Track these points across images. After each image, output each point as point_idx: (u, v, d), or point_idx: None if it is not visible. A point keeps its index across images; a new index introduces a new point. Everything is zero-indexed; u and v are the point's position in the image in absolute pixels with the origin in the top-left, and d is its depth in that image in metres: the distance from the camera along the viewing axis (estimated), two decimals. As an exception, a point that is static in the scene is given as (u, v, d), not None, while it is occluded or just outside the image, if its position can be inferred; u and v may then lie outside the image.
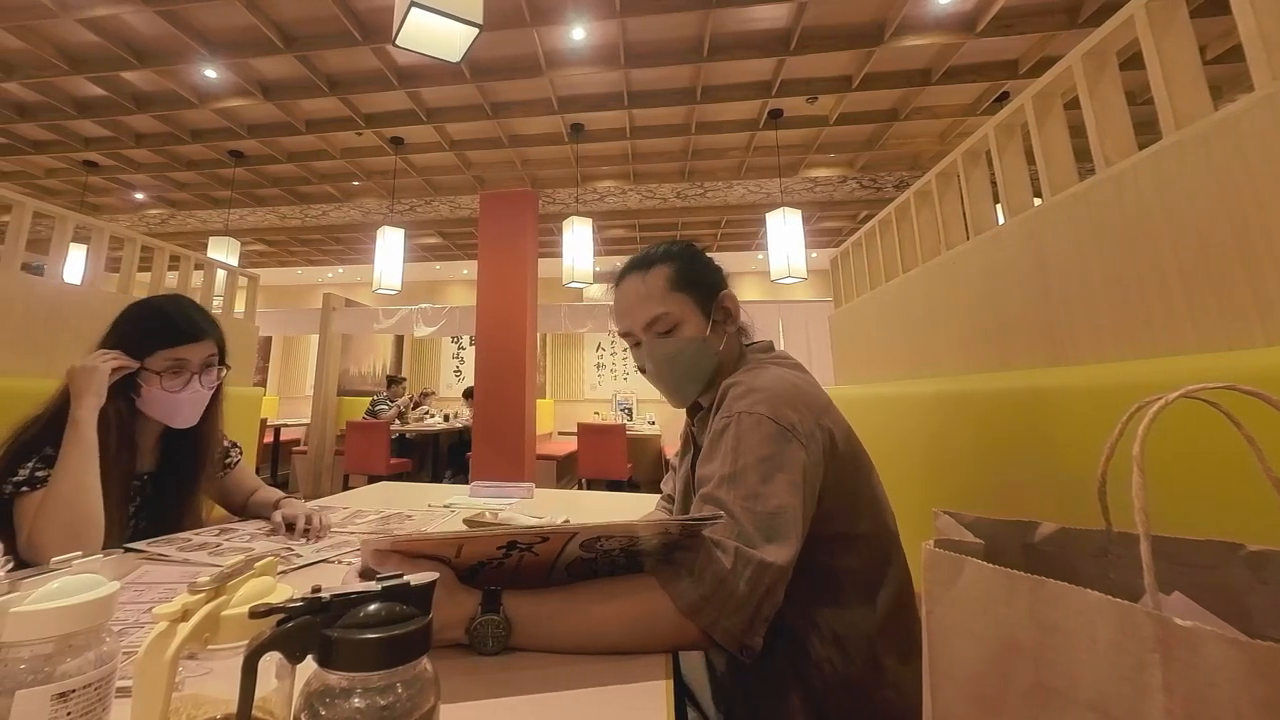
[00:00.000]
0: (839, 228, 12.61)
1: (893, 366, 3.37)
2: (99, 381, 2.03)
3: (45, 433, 2.00)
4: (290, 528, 2.26)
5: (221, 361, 2.36)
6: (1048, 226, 2.11)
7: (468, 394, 11.45)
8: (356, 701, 0.62)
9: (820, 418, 1.60)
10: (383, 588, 0.67)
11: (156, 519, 2.26)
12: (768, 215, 8.51)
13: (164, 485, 2.32)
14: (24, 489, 1.89)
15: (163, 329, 2.21)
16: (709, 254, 1.98)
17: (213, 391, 2.33)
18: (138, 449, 2.25)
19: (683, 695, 1.59)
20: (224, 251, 9.60)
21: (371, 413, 11.37)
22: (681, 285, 1.85)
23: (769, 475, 1.42)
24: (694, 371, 1.86)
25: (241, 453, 2.69)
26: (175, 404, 2.21)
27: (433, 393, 14.33)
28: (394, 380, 12.47)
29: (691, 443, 1.95)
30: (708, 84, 7.37)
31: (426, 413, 12.95)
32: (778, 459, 1.45)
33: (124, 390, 2.15)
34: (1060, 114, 2.28)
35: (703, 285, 1.87)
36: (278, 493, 2.63)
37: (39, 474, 1.92)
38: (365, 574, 1.23)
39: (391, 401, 11.66)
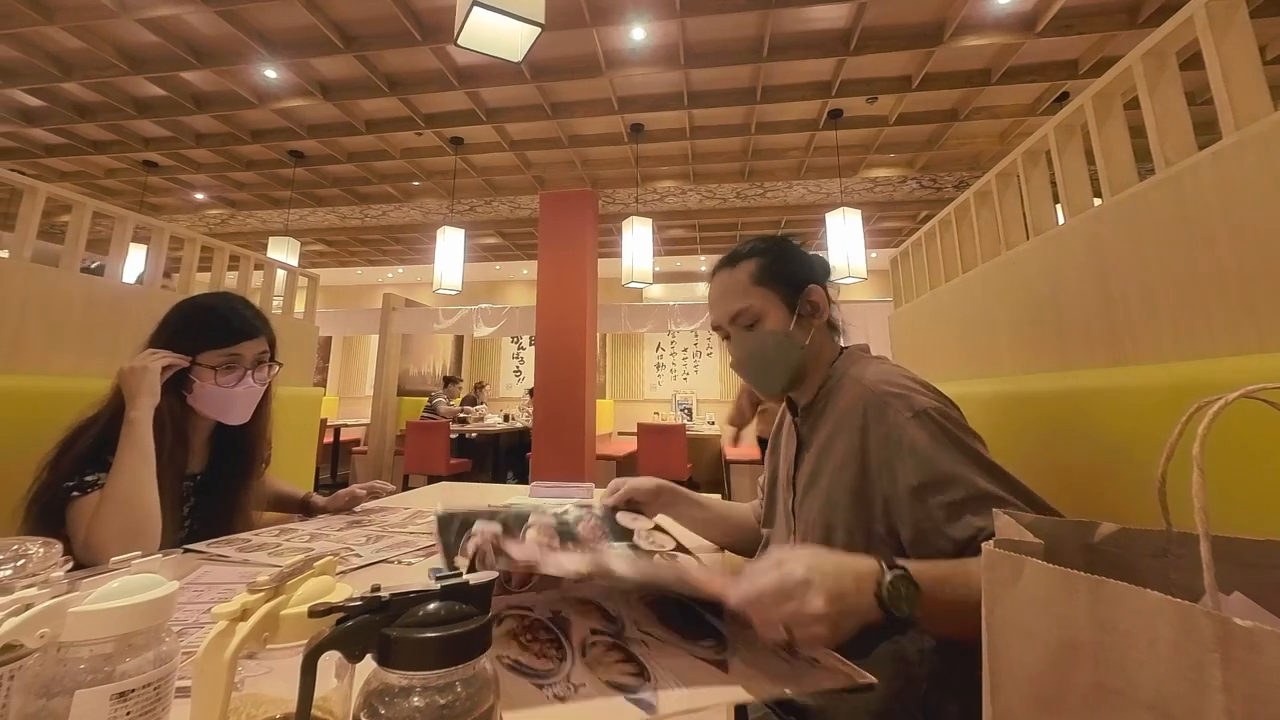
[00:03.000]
0: (899, 228, 12.60)
1: (952, 367, 3.34)
2: (151, 381, 2.04)
3: (99, 435, 2.00)
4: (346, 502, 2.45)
5: (272, 358, 2.36)
6: (1107, 227, 2.09)
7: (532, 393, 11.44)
8: (416, 700, 0.62)
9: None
10: (442, 586, 0.67)
11: (209, 519, 2.26)
12: (827, 215, 8.49)
13: (214, 486, 2.32)
14: (75, 493, 1.89)
15: (215, 327, 2.22)
16: (808, 250, 1.99)
17: (265, 388, 2.33)
18: (190, 447, 2.25)
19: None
20: (284, 252, 9.68)
21: (430, 408, 11.42)
22: (765, 279, 1.87)
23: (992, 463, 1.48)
24: (777, 364, 1.87)
25: (270, 454, 2.66)
26: (230, 399, 2.21)
27: (486, 385, 14.48)
28: (450, 380, 12.55)
29: (795, 439, 1.93)
30: (767, 84, 7.36)
31: (479, 404, 12.95)
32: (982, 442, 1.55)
33: (175, 388, 2.15)
34: (1120, 114, 2.25)
35: (788, 279, 1.87)
36: (297, 493, 2.71)
37: (88, 478, 1.91)
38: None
39: (448, 401, 11.72)
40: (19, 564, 0.86)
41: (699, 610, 1.28)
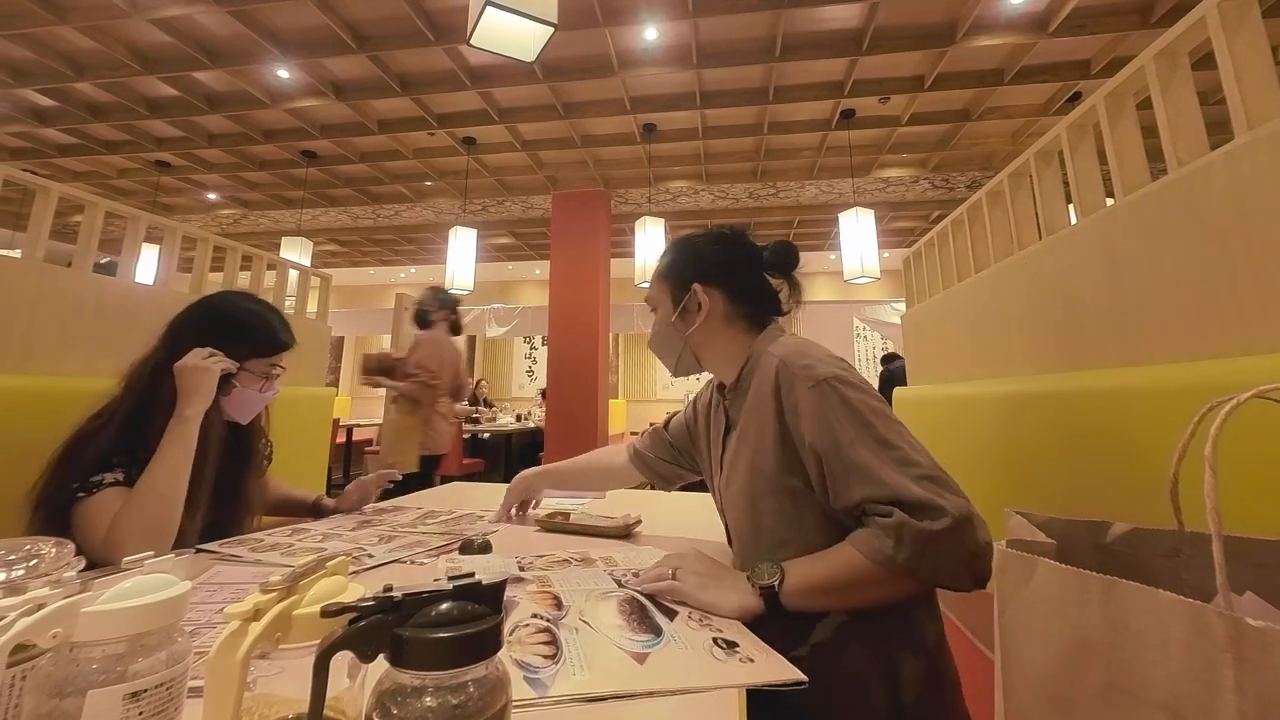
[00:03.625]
0: (911, 228, 12.59)
1: (965, 366, 3.35)
2: (210, 383, 2.05)
3: (113, 437, 1.99)
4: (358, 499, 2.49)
5: None
6: (1120, 226, 2.10)
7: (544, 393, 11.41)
8: (428, 700, 0.61)
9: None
10: (454, 587, 0.67)
11: (220, 516, 2.26)
12: (840, 215, 8.51)
13: (224, 484, 2.30)
14: (80, 494, 1.87)
15: (266, 337, 2.25)
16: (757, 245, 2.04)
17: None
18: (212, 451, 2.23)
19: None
20: (296, 251, 9.73)
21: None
22: (663, 274, 2.04)
23: (899, 431, 1.50)
24: (662, 349, 2.08)
25: (273, 450, 2.68)
26: (258, 403, 2.27)
27: (484, 381, 14.50)
28: (478, 385, 12.46)
29: (723, 420, 2.00)
30: (780, 84, 7.36)
31: (485, 403, 12.95)
32: (887, 412, 1.55)
33: (218, 390, 2.14)
34: (1132, 114, 2.26)
35: (676, 277, 2.00)
36: (304, 495, 2.70)
37: (93, 479, 1.90)
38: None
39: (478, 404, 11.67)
40: (31, 564, 0.86)
41: (652, 609, 1.40)
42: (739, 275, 1.98)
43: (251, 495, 2.39)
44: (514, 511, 2.50)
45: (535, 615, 1.28)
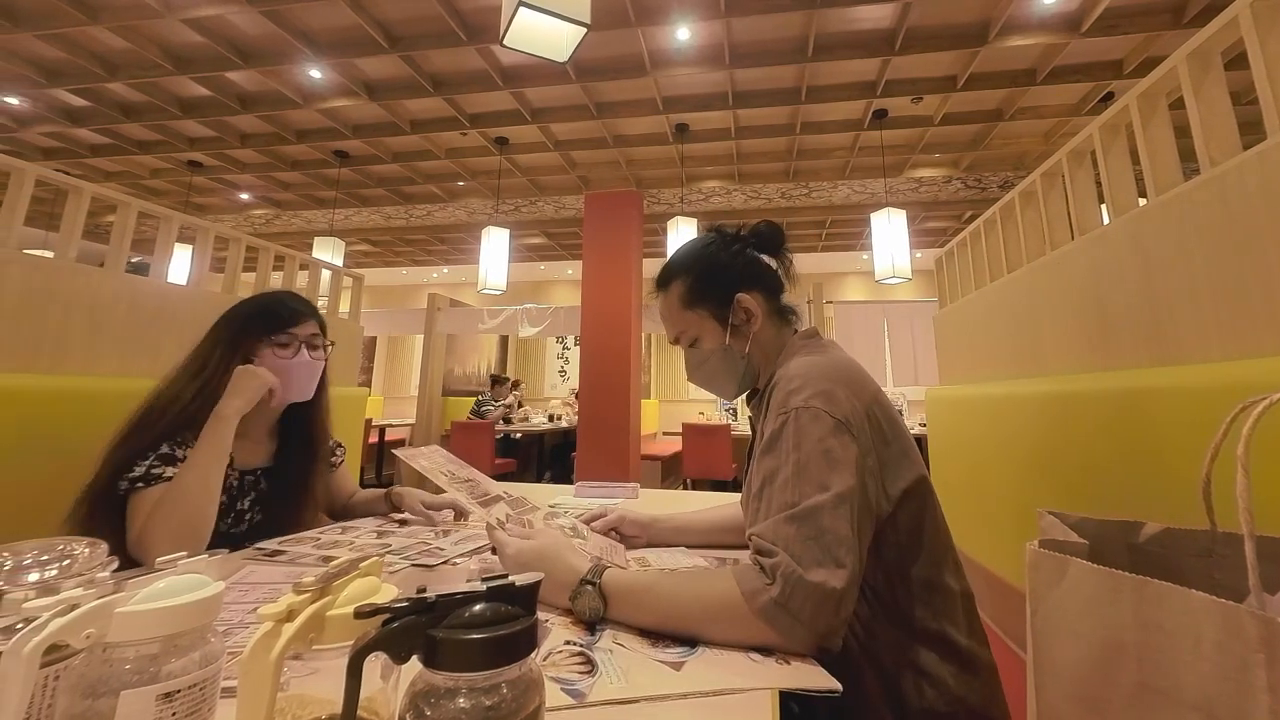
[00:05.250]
0: (944, 228, 12.52)
1: (997, 367, 3.34)
2: (254, 387, 2.08)
3: (168, 429, 2.02)
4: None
5: (325, 341, 2.39)
6: (1152, 227, 2.09)
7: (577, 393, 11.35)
8: (461, 702, 0.62)
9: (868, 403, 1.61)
10: (488, 588, 0.68)
11: (272, 513, 2.28)
12: (872, 215, 8.47)
13: (280, 477, 2.33)
14: (140, 485, 1.89)
15: (268, 318, 2.25)
16: (739, 236, 2.00)
17: (322, 365, 2.37)
18: (249, 440, 2.26)
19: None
20: (329, 252, 9.76)
21: (476, 413, 11.40)
22: (692, 302, 1.93)
23: (824, 484, 1.39)
24: (721, 376, 1.95)
25: (345, 453, 2.72)
26: (290, 370, 2.23)
27: (522, 383, 14.46)
28: (498, 380, 12.50)
29: (753, 428, 1.96)
30: (812, 84, 7.35)
31: (519, 404, 12.95)
32: (834, 455, 1.44)
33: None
34: (1165, 114, 2.25)
35: (713, 295, 1.90)
36: (376, 490, 2.67)
37: (154, 470, 1.92)
38: None
39: (496, 402, 11.71)
40: (65, 564, 0.86)
41: None
42: (757, 268, 1.96)
43: (311, 489, 2.39)
44: (602, 527, 2.22)
45: (568, 642, 1.27)
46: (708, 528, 2.19)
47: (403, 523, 2.42)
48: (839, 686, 1.08)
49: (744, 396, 2.04)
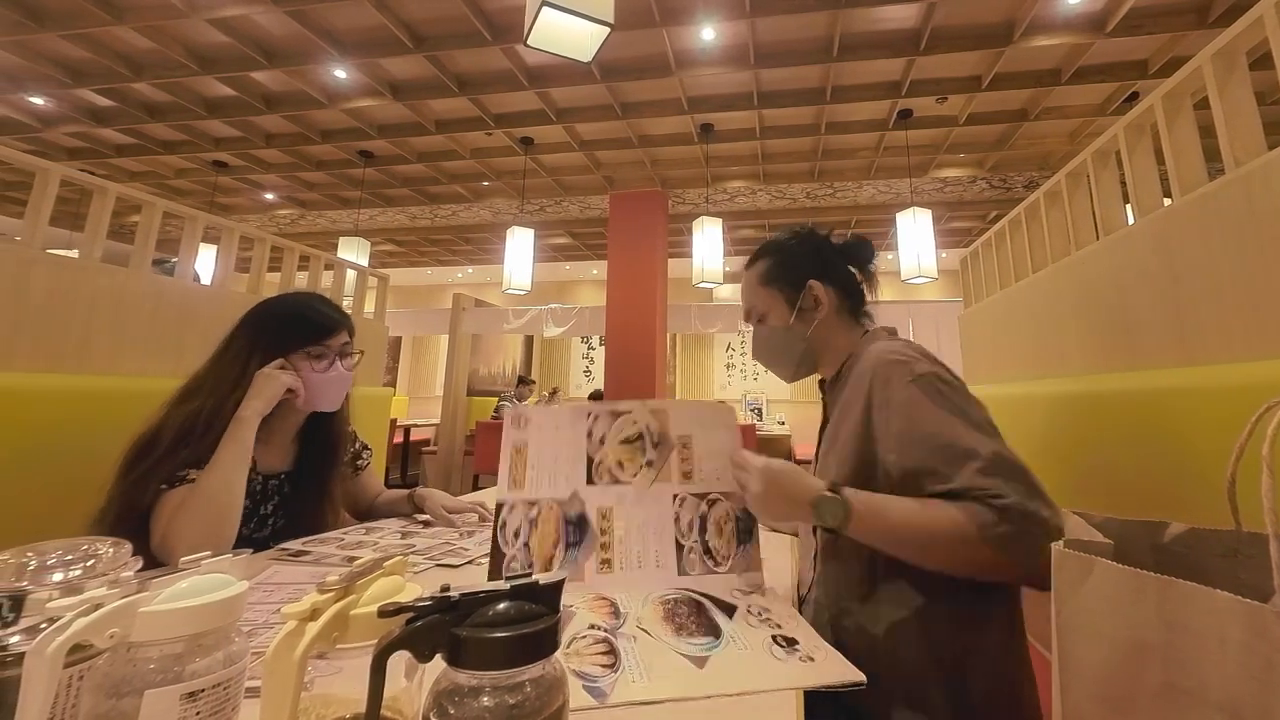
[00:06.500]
0: (969, 228, 12.51)
1: (1022, 366, 3.35)
2: (274, 390, 2.09)
3: (179, 440, 1.99)
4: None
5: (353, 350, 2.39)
6: (1177, 227, 2.09)
7: (594, 396, 11.42)
8: (485, 700, 0.62)
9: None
10: (511, 586, 0.68)
11: (294, 517, 2.29)
12: (898, 215, 8.44)
13: (302, 481, 2.34)
14: (163, 487, 1.90)
15: (304, 327, 2.25)
16: (834, 240, 2.09)
17: (352, 375, 2.37)
18: (271, 445, 2.27)
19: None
20: (354, 252, 9.77)
21: (498, 415, 11.31)
22: (769, 279, 2.04)
23: (997, 436, 1.53)
24: (781, 355, 2.06)
25: (371, 455, 2.72)
26: (323, 384, 2.24)
27: (558, 390, 14.43)
28: (524, 380, 12.50)
29: (823, 415, 2.02)
30: (837, 84, 7.34)
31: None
32: (984, 413, 1.59)
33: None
34: (1190, 114, 2.24)
35: (789, 278, 2.01)
36: (400, 490, 2.67)
37: (179, 473, 1.93)
38: None
39: (519, 401, 11.66)
40: (89, 564, 0.87)
41: (710, 608, 1.41)
42: (838, 267, 2.04)
43: (332, 501, 2.41)
44: None
45: (593, 626, 1.28)
46: None
47: (426, 524, 2.42)
48: (863, 679, 1.10)
49: (818, 383, 2.10)
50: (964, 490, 1.41)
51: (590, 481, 1.65)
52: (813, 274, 1.97)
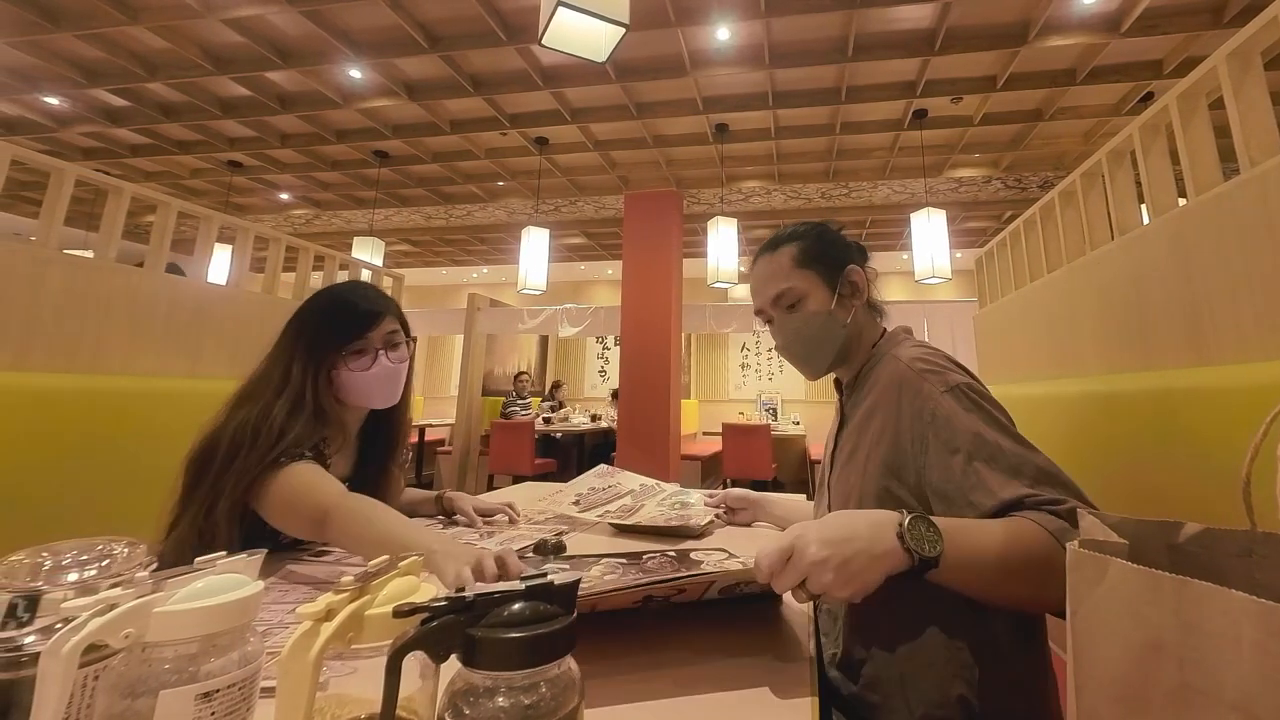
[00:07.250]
0: (983, 228, 12.49)
1: (1036, 367, 3.35)
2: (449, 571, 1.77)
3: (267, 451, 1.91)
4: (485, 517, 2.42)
5: (407, 336, 2.31)
6: (1192, 227, 2.08)
7: (616, 395, 11.33)
8: (500, 701, 0.63)
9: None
10: (526, 587, 0.68)
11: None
12: (912, 215, 8.44)
13: (361, 483, 2.22)
14: (283, 460, 1.87)
15: (338, 325, 2.17)
16: (845, 233, 2.03)
17: (405, 367, 2.29)
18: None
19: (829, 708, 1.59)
20: (369, 252, 9.78)
21: (505, 415, 11.47)
22: (806, 261, 1.91)
23: (1033, 447, 1.51)
24: (820, 343, 1.92)
25: (409, 454, 2.69)
26: (366, 383, 2.16)
27: (564, 384, 14.48)
28: (520, 377, 12.61)
29: (839, 417, 1.98)
30: (852, 84, 7.35)
31: (559, 405, 13.06)
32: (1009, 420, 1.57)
33: (323, 387, 2.11)
34: (1205, 114, 2.24)
35: (828, 260, 1.92)
36: (425, 491, 2.67)
37: (295, 449, 1.91)
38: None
39: (517, 398, 11.88)
40: (104, 564, 0.87)
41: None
42: (864, 256, 2.01)
43: (391, 484, 2.39)
44: (723, 510, 2.53)
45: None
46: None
47: (448, 524, 2.42)
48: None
49: (834, 383, 2.07)
50: (1017, 501, 1.37)
51: None
52: (848, 258, 1.93)
